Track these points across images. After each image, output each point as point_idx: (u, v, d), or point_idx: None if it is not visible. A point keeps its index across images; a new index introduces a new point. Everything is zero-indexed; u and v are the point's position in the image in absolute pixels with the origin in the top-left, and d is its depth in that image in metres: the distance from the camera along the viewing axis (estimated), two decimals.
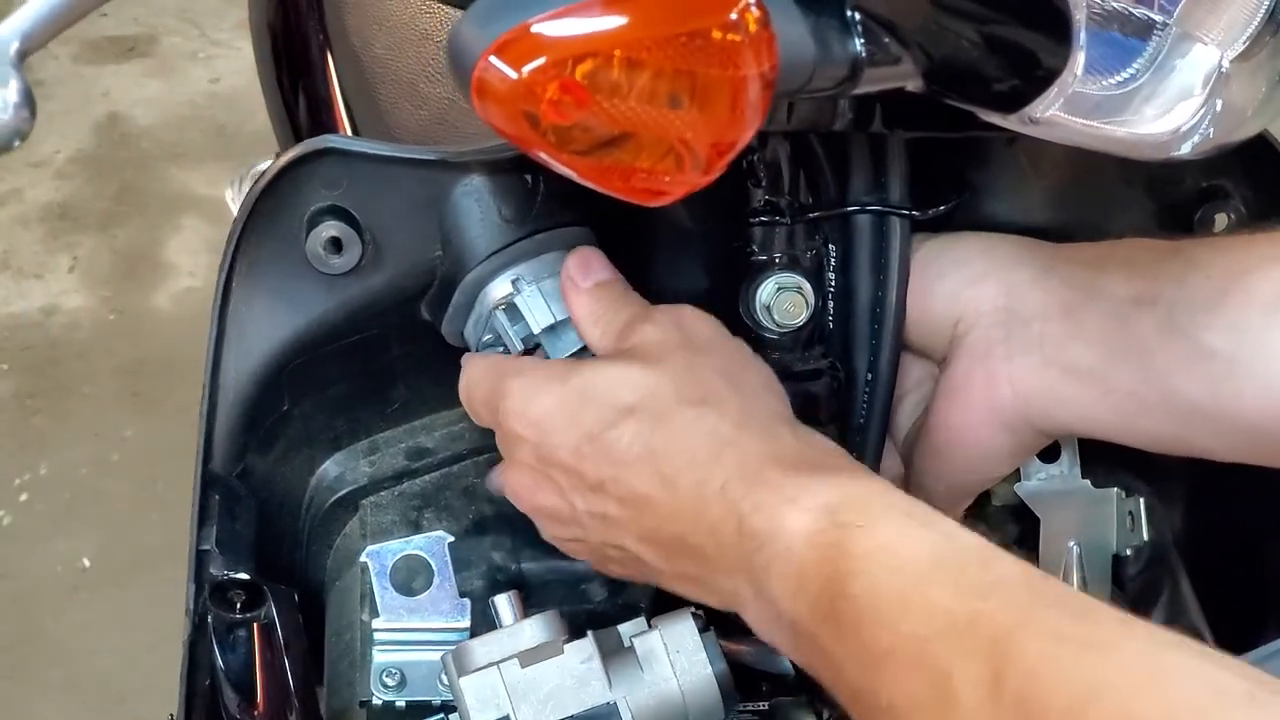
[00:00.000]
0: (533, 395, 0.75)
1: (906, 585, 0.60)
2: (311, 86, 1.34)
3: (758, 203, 0.81)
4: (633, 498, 0.72)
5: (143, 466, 2.30)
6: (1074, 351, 0.77)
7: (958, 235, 0.84)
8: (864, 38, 0.64)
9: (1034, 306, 0.79)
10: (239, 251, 0.80)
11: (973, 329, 0.80)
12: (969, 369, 0.80)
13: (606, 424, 0.72)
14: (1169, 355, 0.74)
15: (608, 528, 0.74)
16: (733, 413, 0.71)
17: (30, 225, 2.75)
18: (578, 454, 0.73)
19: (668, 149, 0.61)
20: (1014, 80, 0.65)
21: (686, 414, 0.71)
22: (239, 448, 0.84)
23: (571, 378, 0.74)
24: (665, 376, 0.72)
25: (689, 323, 0.76)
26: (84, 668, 2.07)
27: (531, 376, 0.76)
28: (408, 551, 0.84)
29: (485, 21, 0.58)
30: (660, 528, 0.72)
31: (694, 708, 0.76)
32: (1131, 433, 0.77)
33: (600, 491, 0.73)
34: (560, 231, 0.80)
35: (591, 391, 0.73)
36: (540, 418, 0.74)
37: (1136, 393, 0.75)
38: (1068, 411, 0.78)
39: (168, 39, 3.17)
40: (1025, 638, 0.55)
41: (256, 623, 0.80)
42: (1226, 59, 0.67)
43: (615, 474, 0.72)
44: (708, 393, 0.72)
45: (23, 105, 0.57)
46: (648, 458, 0.71)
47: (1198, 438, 0.75)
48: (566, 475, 0.74)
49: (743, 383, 0.73)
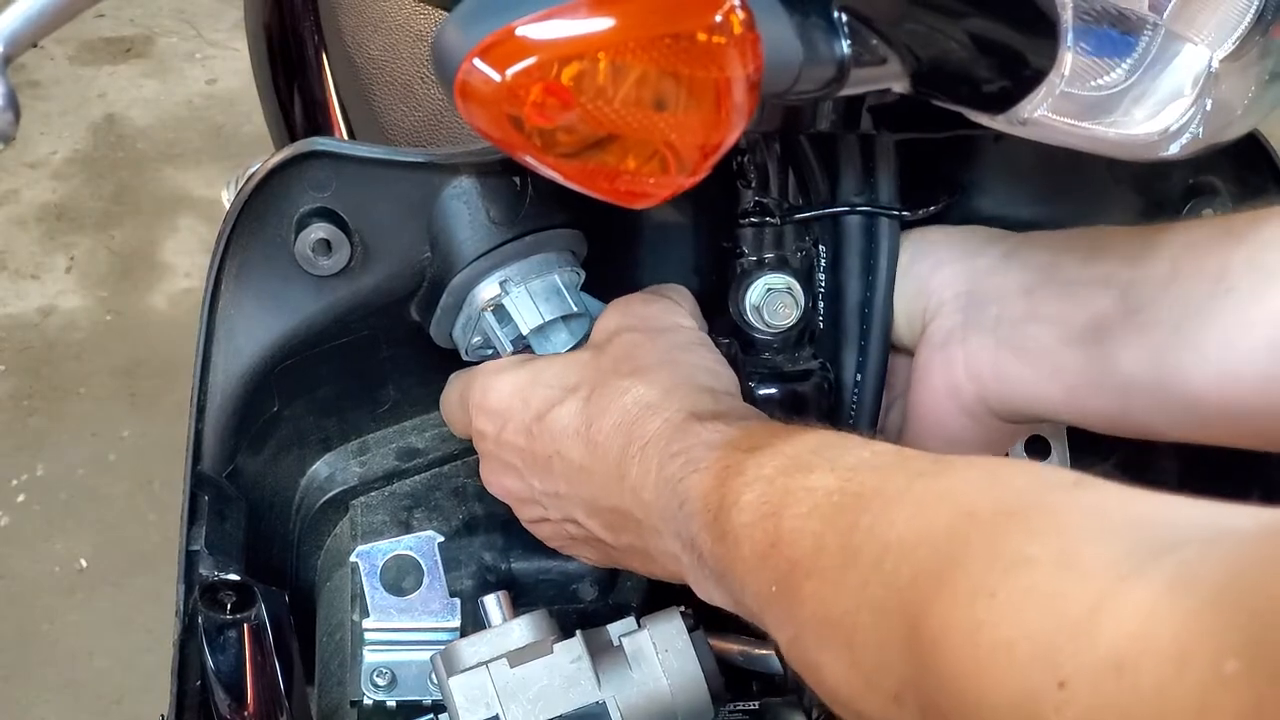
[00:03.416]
0: (493, 384, 0.78)
1: (789, 477, 0.62)
2: (307, 88, 1.34)
3: (747, 204, 0.81)
4: (574, 470, 0.75)
5: (139, 467, 2.30)
6: (1028, 332, 0.78)
7: (925, 229, 0.84)
8: (850, 39, 0.64)
9: (992, 290, 0.79)
10: (228, 253, 0.80)
11: (936, 317, 0.81)
12: (930, 355, 0.81)
13: (552, 402, 0.75)
14: (1118, 331, 0.74)
15: (562, 504, 0.77)
16: (663, 381, 0.73)
17: (27, 226, 2.75)
18: (529, 434, 0.76)
19: (653, 151, 0.61)
20: (1001, 81, 0.65)
21: (619, 384, 0.74)
22: (229, 448, 0.84)
23: (526, 365, 0.78)
24: (605, 356, 0.76)
25: (637, 307, 0.79)
26: (81, 668, 2.07)
27: (493, 369, 0.79)
28: (398, 551, 0.84)
29: (469, 23, 0.58)
30: (597, 497, 0.74)
31: (683, 707, 0.76)
32: (1081, 411, 0.78)
33: (548, 470, 0.76)
34: (549, 233, 0.80)
35: (542, 376, 0.77)
36: (498, 405, 0.78)
37: (1085, 370, 0.76)
38: (1019, 392, 0.78)
39: (164, 40, 3.17)
40: (885, 484, 0.58)
41: (247, 623, 0.80)
42: (1216, 59, 0.67)
43: (558, 448, 0.75)
44: (640, 366, 0.74)
45: (7, 108, 0.57)
46: (583, 429, 0.74)
47: (1142, 413, 0.75)
48: (521, 456, 0.77)
49: (681, 358, 0.75)
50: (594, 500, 0.74)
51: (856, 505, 0.58)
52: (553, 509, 0.78)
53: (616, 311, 0.79)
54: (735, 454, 0.66)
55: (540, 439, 0.76)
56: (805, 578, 0.59)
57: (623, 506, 0.72)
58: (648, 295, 0.80)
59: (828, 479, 0.61)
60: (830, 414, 0.83)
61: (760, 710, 0.85)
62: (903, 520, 0.55)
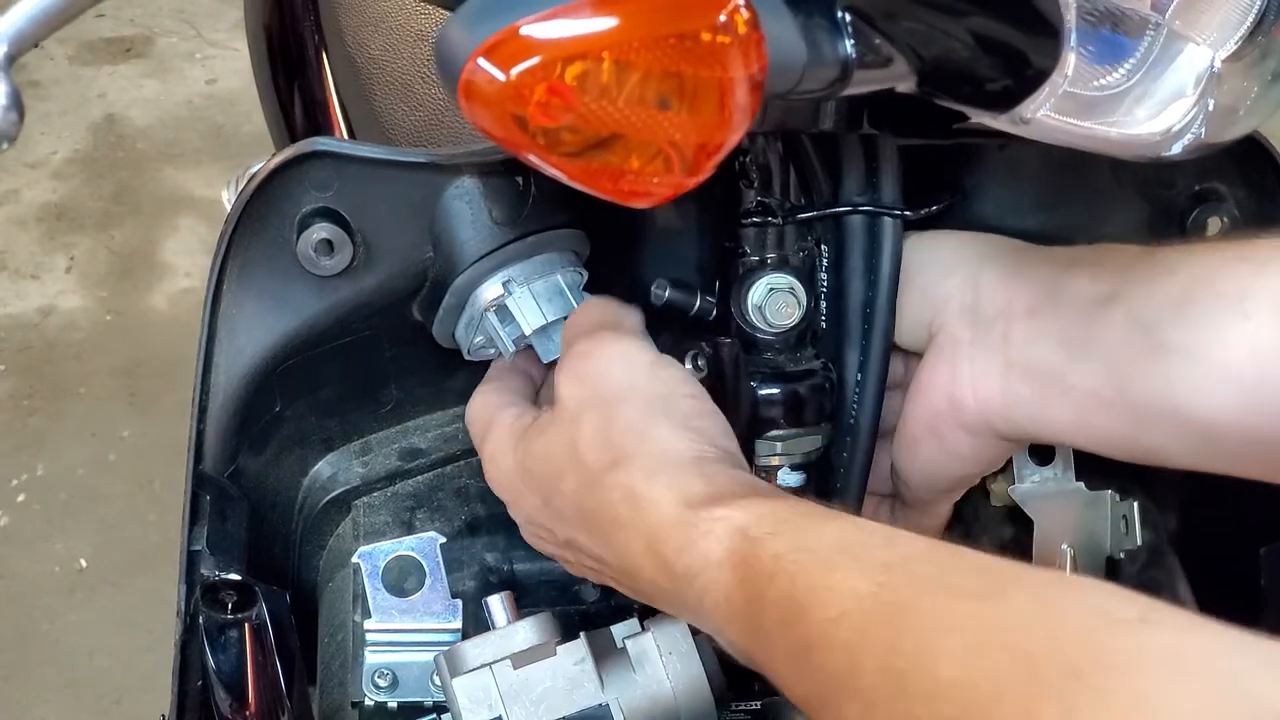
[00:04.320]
0: (497, 459, 0.79)
1: (815, 575, 0.60)
2: (307, 87, 1.34)
3: (750, 204, 0.81)
4: (593, 553, 0.75)
5: (140, 467, 2.30)
6: (1035, 352, 0.76)
7: (934, 233, 0.83)
8: (854, 38, 0.64)
9: (998, 305, 0.78)
10: (230, 253, 0.80)
11: (942, 328, 0.80)
12: (934, 367, 0.80)
13: (549, 491, 0.76)
14: (1129, 352, 0.73)
15: (593, 572, 0.77)
16: (645, 467, 0.71)
17: (27, 226, 2.75)
18: (545, 515, 0.77)
19: (657, 151, 0.60)
20: (1004, 80, 0.65)
21: (604, 480, 0.72)
22: (231, 448, 0.84)
23: (519, 444, 0.78)
24: (581, 439, 0.74)
25: (600, 369, 0.76)
26: (81, 668, 2.07)
27: (496, 439, 0.79)
28: (400, 552, 0.84)
29: (473, 23, 0.58)
30: (621, 576, 0.74)
31: (686, 709, 0.76)
32: (1089, 434, 0.76)
33: (572, 547, 0.77)
34: (551, 234, 0.80)
35: (530, 463, 0.77)
36: (505, 483, 0.79)
37: (1094, 391, 0.74)
38: (1024, 413, 0.77)
39: (164, 40, 3.17)
40: (923, 601, 0.56)
41: (248, 623, 0.80)
42: (1218, 59, 0.67)
43: (572, 535, 0.76)
44: (619, 453, 0.72)
45: (11, 108, 0.57)
46: (586, 523, 0.74)
47: (1153, 438, 0.74)
48: (543, 530, 0.78)
49: (654, 430, 0.73)
50: (617, 577, 0.75)
51: (892, 622, 0.55)
52: (588, 572, 0.78)
53: (570, 380, 0.76)
54: (745, 543, 0.65)
55: (554, 523, 0.77)
56: (847, 699, 0.56)
57: (645, 588, 0.72)
58: (591, 344, 0.77)
59: (855, 580, 0.58)
60: (832, 413, 0.83)
61: (763, 710, 0.85)
62: (953, 656, 0.52)
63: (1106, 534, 0.89)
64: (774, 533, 0.64)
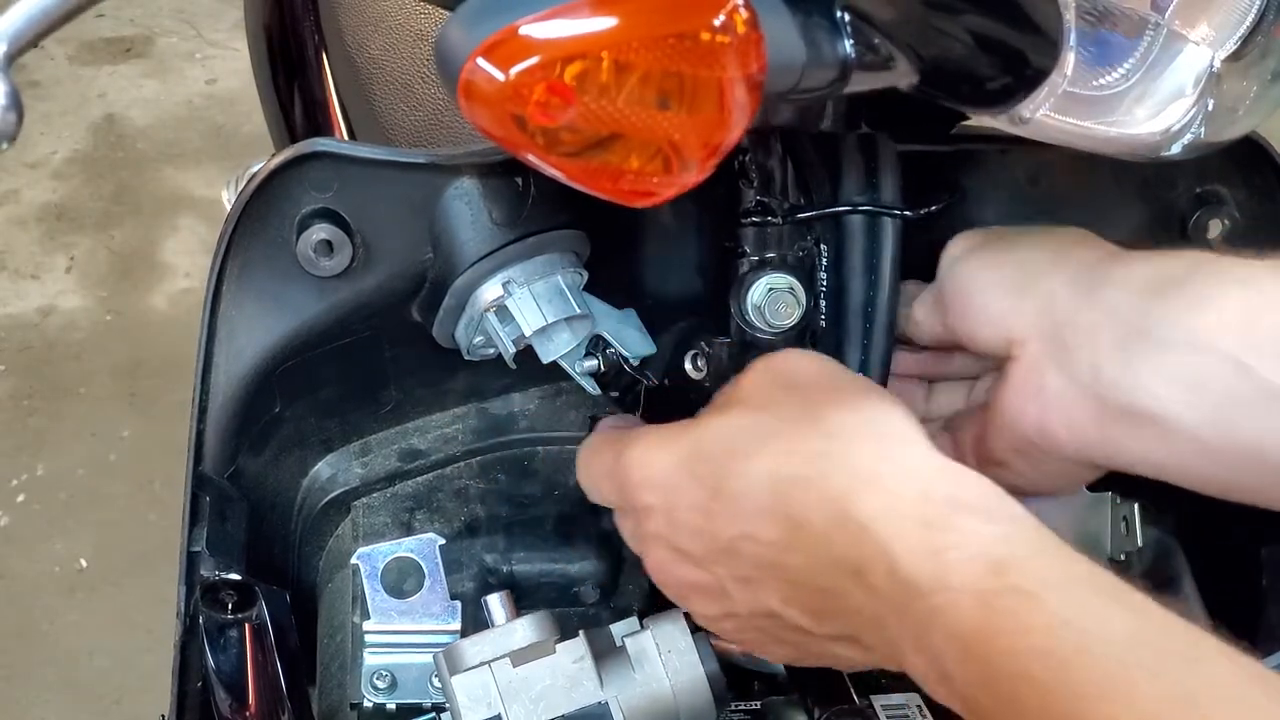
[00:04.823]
0: (651, 459, 0.70)
1: (1103, 669, 0.54)
2: (307, 88, 1.34)
3: (749, 203, 0.81)
4: (767, 552, 0.66)
5: (140, 467, 2.30)
6: (1134, 395, 0.70)
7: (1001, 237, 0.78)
8: (853, 38, 0.64)
9: (1084, 332, 0.72)
10: (229, 254, 0.80)
11: (1021, 352, 0.75)
12: (1019, 395, 0.75)
13: (726, 474, 0.67)
14: (1238, 397, 0.68)
15: (752, 592, 0.67)
16: (868, 447, 0.64)
17: (27, 226, 2.75)
18: (706, 513, 0.67)
19: (656, 150, 0.60)
20: (1004, 80, 0.65)
21: (812, 448, 0.65)
22: (230, 449, 0.84)
23: (683, 436, 0.69)
24: (776, 418, 0.67)
25: (790, 363, 0.71)
26: (81, 668, 2.07)
27: (645, 442, 0.71)
28: (399, 553, 0.84)
29: (473, 23, 0.58)
30: (800, 580, 0.65)
31: (685, 708, 0.76)
32: (1201, 480, 0.71)
33: (735, 553, 0.67)
34: (551, 234, 0.80)
35: (705, 444, 0.68)
36: (662, 480, 0.70)
37: (1197, 436, 0.69)
38: (1125, 457, 0.72)
39: (164, 40, 3.17)
40: None
41: (248, 623, 0.80)
42: (1218, 59, 0.67)
43: (745, 528, 0.66)
44: (833, 428, 0.65)
45: (10, 108, 0.57)
46: (775, 500, 0.65)
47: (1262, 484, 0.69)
48: (699, 540, 0.68)
49: (874, 415, 0.66)
50: (795, 581, 0.65)
51: None
52: (742, 599, 0.68)
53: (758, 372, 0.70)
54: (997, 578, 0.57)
55: (722, 516, 0.67)
56: None
57: (835, 587, 0.63)
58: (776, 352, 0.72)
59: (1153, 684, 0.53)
60: None
61: (763, 710, 0.85)
62: None
63: (1107, 536, 0.89)
64: (1039, 594, 0.57)
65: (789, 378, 0.69)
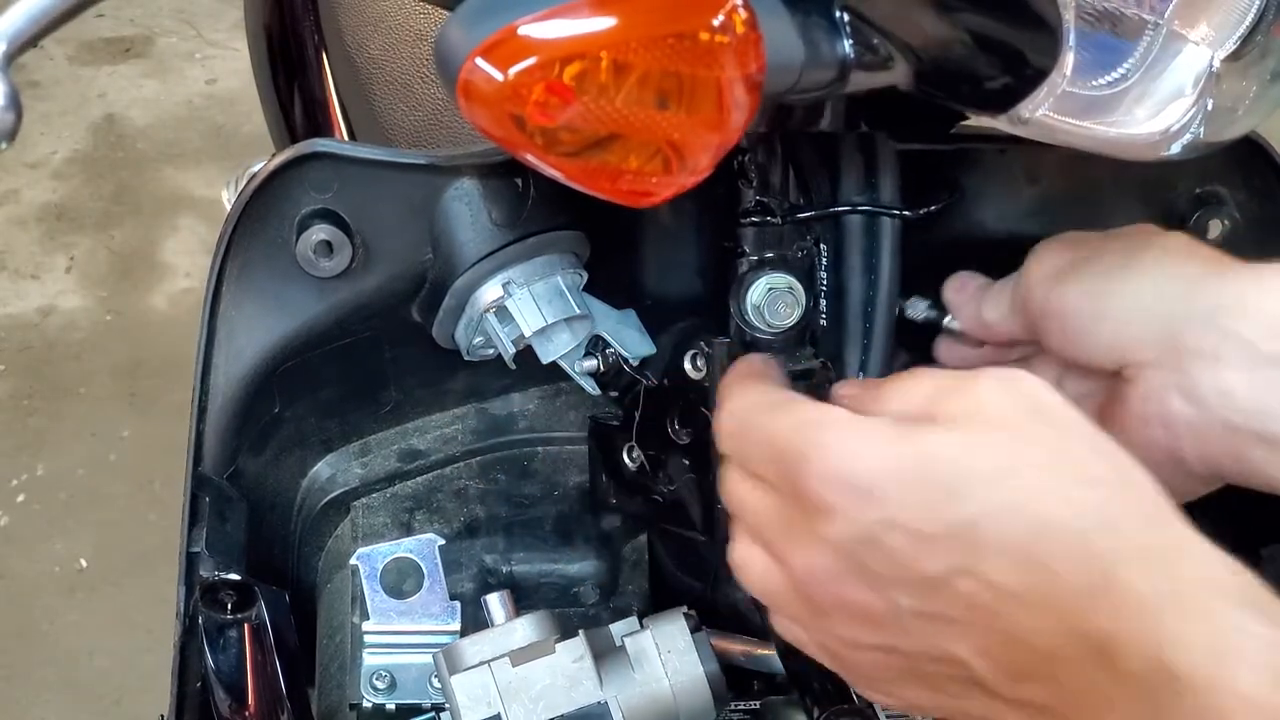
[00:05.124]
0: (861, 452, 0.59)
1: None
2: (307, 88, 1.34)
3: (749, 203, 0.81)
4: (989, 596, 0.57)
5: (140, 467, 2.31)
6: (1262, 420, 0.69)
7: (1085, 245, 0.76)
8: (852, 38, 0.64)
9: (1206, 356, 0.70)
10: (229, 255, 0.80)
11: (1136, 380, 0.73)
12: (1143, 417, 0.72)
13: (963, 497, 0.57)
14: None
15: (938, 633, 0.59)
16: (1132, 504, 0.58)
17: (27, 226, 2.75)
18: (920, 536, 0.58)
19: (655, 150, 0.60)
20: (1003, 80, 0.65)
21: (1074, 494, 0.57)
22: (230, 450, 0.84)
23: (909, 438, 0.59)
24: (1030, 448, 0.59)
25: (1034, 388, 0.61)
26: (81, 668, 2.07)
27: (853, 431, 0.60)
28: (398, 554, 0.84)
29: (472, 23, 0.58)
30: (1017, 636, 0.57)
31: (685, 707, 0.76)
32: None
33: (942, 587, 0.58)
34: (551, 235, 0.80)
35: (942, 457, 0.58)
36: (869, 483, 0.59)
37: None
38: (1260, 478, 0.70)
39: (164, 40, 3.17)
40: None
41: (248, 623, 0.80)
42: (1217, 59, 0.67)
43: (970, 563, 0.57)
44: (1095, 474, 0.58)
45: (9, 109, 0.57)
46: (1023, 540, 0.56)
47: None
48: (894, 564, 0.58)
49: (1132, 473, 0.59)
50: (1009, 635, 0.57)
51: None
52: (919, 636, 0.60)
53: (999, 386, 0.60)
54: None
55: (940, 545, 0.57)
56: None
57: (1063, 654, 0.56)
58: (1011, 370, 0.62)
59: None
60: None
61: (762, 710, 0.85)
62: None
63: None
64: None
65: (1035, 403, 0.61)
